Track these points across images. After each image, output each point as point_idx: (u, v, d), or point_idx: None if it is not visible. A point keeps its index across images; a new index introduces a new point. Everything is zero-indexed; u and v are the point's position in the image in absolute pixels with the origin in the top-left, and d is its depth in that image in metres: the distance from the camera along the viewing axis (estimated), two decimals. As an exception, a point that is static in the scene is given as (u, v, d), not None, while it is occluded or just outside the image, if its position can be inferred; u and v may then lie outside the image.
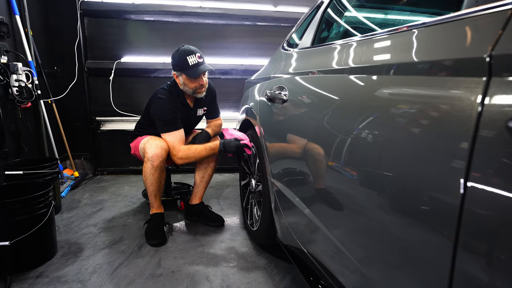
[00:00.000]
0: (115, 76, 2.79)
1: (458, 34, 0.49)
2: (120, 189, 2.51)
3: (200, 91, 1.70)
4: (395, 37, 0.65)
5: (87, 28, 2.75)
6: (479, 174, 0.41)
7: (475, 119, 0.41)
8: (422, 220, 0.51)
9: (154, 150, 1.59)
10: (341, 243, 0.76)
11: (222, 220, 1.84)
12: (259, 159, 1.45)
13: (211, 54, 2.93)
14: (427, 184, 0.50)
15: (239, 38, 2.97)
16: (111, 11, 2.70)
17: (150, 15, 2.75)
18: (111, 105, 2.82)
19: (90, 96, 2.83)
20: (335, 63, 0.85)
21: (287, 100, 1.08)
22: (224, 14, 2.84)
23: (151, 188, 1.67)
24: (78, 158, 2.94)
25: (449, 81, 0.48)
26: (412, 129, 0.53)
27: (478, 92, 0.41)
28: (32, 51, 2.33)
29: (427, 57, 0.54)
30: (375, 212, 0.63)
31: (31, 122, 2.37)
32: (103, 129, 2.89)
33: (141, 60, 2.82)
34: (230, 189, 2.55)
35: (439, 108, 0.48)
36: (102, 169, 2.96)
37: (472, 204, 0.41)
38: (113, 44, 2.80)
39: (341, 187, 0.77)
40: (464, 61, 0.46)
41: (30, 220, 1.34)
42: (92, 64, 2.76)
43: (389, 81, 0.62)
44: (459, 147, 0.43)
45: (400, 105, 0.57)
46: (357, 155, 0.69)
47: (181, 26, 2.84)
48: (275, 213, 1.24)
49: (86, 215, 1.98)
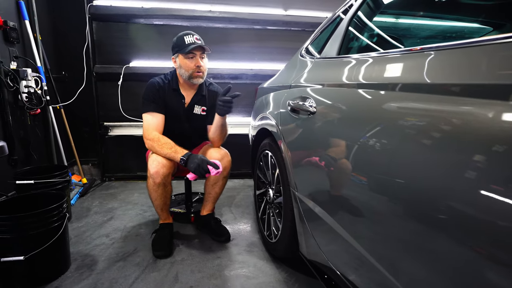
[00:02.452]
0: (124, 80, 2.75)
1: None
2: (130, 196, 2.47)
3: (198, 75, 1.60)
4: (453, 52, 0.61)
5: (95, 32, 2.71)
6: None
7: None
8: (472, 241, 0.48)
9: (154, 167, 1.50)
10: (378, 262, 0.72)
11: (227, 235, 1.75)
12: (279, 170, 1.41)
13: (220, 59, 2.90)
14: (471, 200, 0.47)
15: (248, 42, 2.93)
16: (120, 15, 2.66)
17: (160, 19, 2.72)
18: (120, 110, 2.78)
19: (98, 101, 2.79)
20: (378, 77, 0.81)
21: (315, 113, 1.04)
22: (234, 18, 2.80)
23: (156, 203, 1.64)
24: (85, 163, 2.90)
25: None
26: (460, 151, 0.51)
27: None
28: (41, 56, 2.29)
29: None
30: (419, 232, 0.61)
31: (40, 128, 2.34)
32: (111, 134, 2.85)
33: (150, 64, 2.79)
34: (241, 196, 2.51)
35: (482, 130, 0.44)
36: (110, 175, 2.92)
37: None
38: (122, 49, 2.76)
39: (377, 205, 0.74)
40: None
41: (44, 233, 1.30)
42: (101, 69, 2.73)
43: (452, 102, 0.57)
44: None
45: (456, 128, 0.53)
46: (399, 174, 0.66)
47: (190, 30, 2.78)
48: (300, 227, 1.20)
49: (97, 224, 1.94)
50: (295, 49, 2.99)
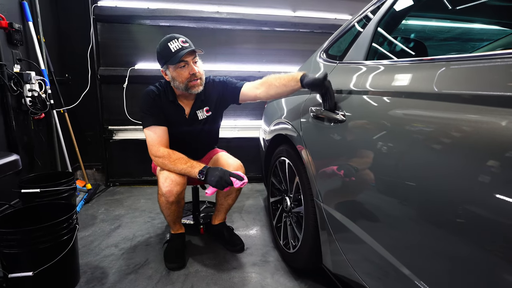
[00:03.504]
0: (129, 83, 2.68)
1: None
2: (136, 203, 2.40)
3: (195, 84, 1.39)
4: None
5: (100, 34, 2.64)
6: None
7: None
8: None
9: (167, 186, 1.38)
10: (416, 277, 0.67)
11: (241, 245, 1.67)
12: (299, 179, 1.35)
13: (227, 61, 2.84)
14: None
15: (256, 44, 2.87)
16: (125, 16, 2.60)
17: (166, 20, 2.65)
18: (125, 113, 2.71)
19: (103, 105, 2.72)
20: (418, 86, 0.75)
21: (343, 121, 0.98)
22: (242, 19, 2.74)
23: (169, 218, 1.57)
24: (89, 168, 2.83)
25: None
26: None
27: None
28: (45, 59, 2.22)
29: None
30: (461, 244, 0.58)
31: (44, 133, 2.27)
32: (115, 138, 2.78)
33: (156, 67, 2.70)
34: (251, 202, 2.45)
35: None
36: (115, 180, 2.85)
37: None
38: (127, 50, 2.69)
39: (415, 218, 0.70)
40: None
41: (53, 247, 1.23)
42: (105, 71, 2.66)
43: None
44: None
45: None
46: (440, 188, 0.62)
47: (197, 31, 2.74)
48: (325, 239, 1.14)
49: (104, 233, 1.87)
50: (304, 51, 2.96)
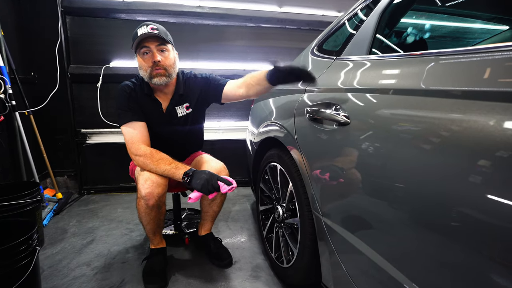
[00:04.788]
0: (104, 82, 2.47)
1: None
2: (113, 213, 2.20)
3: (157, 73, 1.29)
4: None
5: (69, 28, 2.41)
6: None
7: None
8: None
9: (148, 187, 1.25)
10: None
11: (229, 259, 1.53)
12: (294, 188, 1.22)
13: (210, 58, 2.68)
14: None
15: (241, 40, 2.73)
16: (98, 10, 2.38)
17: (143, 14, 2.46)
18: (99, 115, 2.49)
19: (74, 106, 2.49)
20: (441, 82, 0.64)
21: (348, 124, 0.86)
22: (225, 14, 2.59)
23: (148, 227, 1.40)
24: (60, 175, 2.59)
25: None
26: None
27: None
28: (4, 54, 1.98)
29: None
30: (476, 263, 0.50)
31: (4, 138, 2.02)
32: (89, 142, 2.55)
33: (133, 64, 2.51)
34: (237, 208, 2.31)
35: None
36: (89, 188, 2.62)
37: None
38: (101, 47, 2.48)
39: (434, 235, 0.60)
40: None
41: (8, 274, 1.04)
42: (76, 69, 2.43)
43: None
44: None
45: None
46: (465, 202, 0.53)
47: (177, 27, 2.56)
48: (325, 256, 1.02)
49: (75, 249, 1.67)
50: (291, 48, 2.84)
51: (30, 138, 2.17)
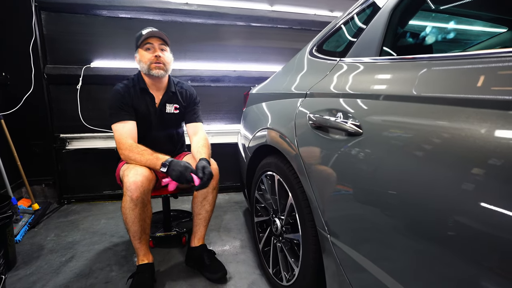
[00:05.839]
0: (84, 84, 2.30)
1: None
2: (95, 224, 2.04)
3: (157, 67, 1.46)
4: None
5: (45, 25, 2.23)
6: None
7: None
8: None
9: (133, 177, 1.26)
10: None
11: (223, 272, 1.43)
12: (294, 199, 1.12)
13: (199, 59, 2.55)
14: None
15: (231, 40, 2.62)
16: (77, 5, 2.22)
17: (127, 11, 2.31)
18: (79, 119, 2.32)
19: (52, 109, 2.31)
20: (470, 89, 0.55)
21: (360, 134, 0.77)
22: (214, 12, 2.47)
23: (133, 229, 1.30)
24: (37, 184, 2.40)
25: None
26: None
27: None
28: (-29, 54, 1.80)
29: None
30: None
31: (-28, 145, 1.84)
32: (69, 148, 2.38)
33: (116, 65, 2.36)
34: (229, 217, 2.19)
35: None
36: (69, 196, 2.45)
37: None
38: (81, 46, 2.30)
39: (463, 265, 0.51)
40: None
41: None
42: (53, 70, 2.25)
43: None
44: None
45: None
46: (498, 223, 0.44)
47: (164, 25, 2.42)
48: (333, 277, 0.92)
49: (52, 269, 1.52)
50: (282, 48, 2.74)
51: (1, 145, 1.99)
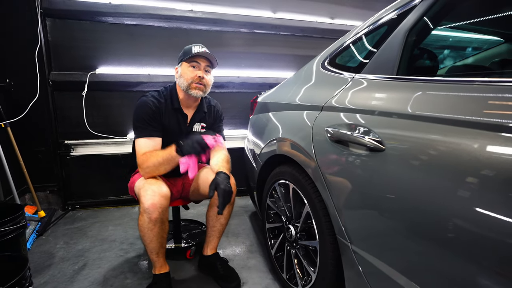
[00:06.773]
0: (89, 90, 2.30)
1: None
2: (103, 231, 2.05)
3: (197, 87, 1.43)
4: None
5: (50, 32, 2.23)
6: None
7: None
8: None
9: (151, 198, 1.23)
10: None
11: (237, 281, 1.46)
12: (311, 209, 1.17)
13: (203, 65, 2.58)
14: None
15: (235, 47, 2.66)
16: (82, 12, 2.22)
17: (132, 18, 2.32)
18: (85, 125, 2.33)
19: (57, 116, 2.31)
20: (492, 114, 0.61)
21: (382, 150, 0.82)
22: (219, 19, 2.50)
23: (151, 246, 1.31)
24: (42, 190, 2.39)
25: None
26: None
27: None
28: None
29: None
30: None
31: (-21, 154, 1.83)
32: (74, 154, 2.38)
33: (121, 71, 2.37)
34: (236, 222, 2.23)
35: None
36: (74, 203, 2.44)
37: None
38: (86, 52, 2.31)
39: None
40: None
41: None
42: (59, 76, 2.25)
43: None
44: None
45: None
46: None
47: (169, 32, 2.44)
48: (355, 285, 0.97)
49: (66, 277, 1.53)
50: (284, 55, 2.80)
51: (7, 152, 1.98)
